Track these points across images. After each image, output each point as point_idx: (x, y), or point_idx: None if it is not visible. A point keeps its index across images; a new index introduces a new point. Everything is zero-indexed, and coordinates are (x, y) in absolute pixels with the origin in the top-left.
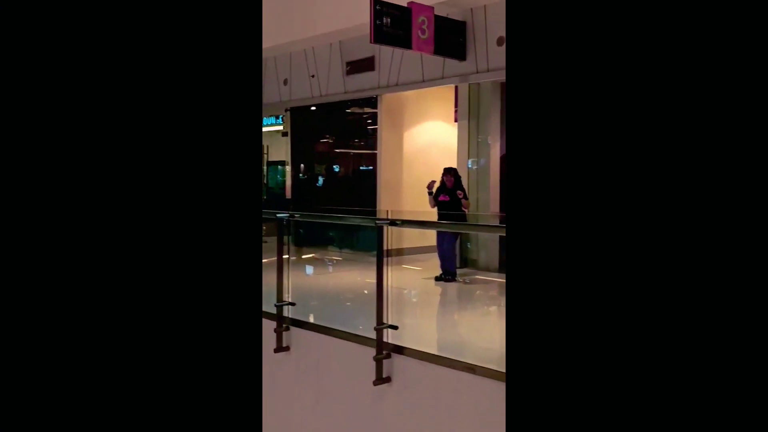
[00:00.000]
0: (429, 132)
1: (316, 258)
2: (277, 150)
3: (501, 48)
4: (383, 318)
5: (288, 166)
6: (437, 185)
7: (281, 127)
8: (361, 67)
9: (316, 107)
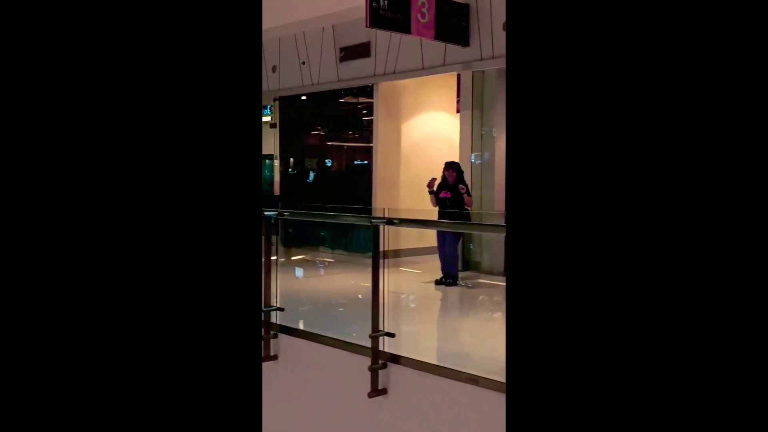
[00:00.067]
0: (429, 124)
1: (306, 259)
2: (265, 143)
3: None
4: (379, 325)
5: (276, 160)
6: (438, 182)
7: (269, 118)
8: (356, 54)
9: (306, 96)
